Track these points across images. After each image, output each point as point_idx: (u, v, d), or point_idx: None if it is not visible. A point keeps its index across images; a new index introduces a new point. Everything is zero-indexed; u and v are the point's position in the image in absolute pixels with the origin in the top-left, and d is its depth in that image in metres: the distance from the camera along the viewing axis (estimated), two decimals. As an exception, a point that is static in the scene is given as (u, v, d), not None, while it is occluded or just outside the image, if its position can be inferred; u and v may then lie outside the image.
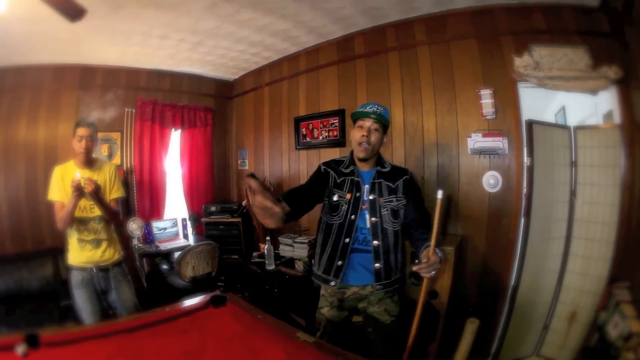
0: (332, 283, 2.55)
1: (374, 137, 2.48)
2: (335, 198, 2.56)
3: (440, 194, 2.06)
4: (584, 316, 3.35)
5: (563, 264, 3.59)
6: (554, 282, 3.60)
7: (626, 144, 3.15)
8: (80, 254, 3.12)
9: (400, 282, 2.63)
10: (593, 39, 3.26)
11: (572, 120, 3.76)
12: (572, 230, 3.59)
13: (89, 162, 3.22)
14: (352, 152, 2.66)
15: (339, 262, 2.52)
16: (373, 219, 2.49)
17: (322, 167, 2.68)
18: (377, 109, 2.52)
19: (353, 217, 2.50)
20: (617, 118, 3.23)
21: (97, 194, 2.95)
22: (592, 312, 3.24)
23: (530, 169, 3.45)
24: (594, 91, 3.26)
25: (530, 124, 3.47)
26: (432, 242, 2.11)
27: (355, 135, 2.53)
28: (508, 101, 3.55)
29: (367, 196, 2.52)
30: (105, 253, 3.20)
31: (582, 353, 3.23)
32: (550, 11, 3.42)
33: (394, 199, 2.52)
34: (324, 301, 2.66)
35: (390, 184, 2.55)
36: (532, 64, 3.34)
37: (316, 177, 2.66)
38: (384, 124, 2.53)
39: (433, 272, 2.11)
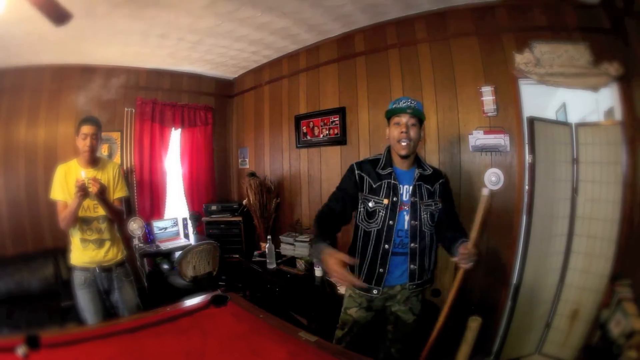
0: (375, 292, 2.49)
1: (412, 132, 2.40)
2: (371, 204, 2.48)
3: (486, 192, 2.15)
4: (586, 314, 3.34)
5: (565, 262, 3.59)
6: (556, 279, 3.60)
7: (627, 141, 3.14)
8: (83, 254, 3.10)
9: (429, 282, 2.62)
10: (594, 35, 3.25)
11: (573, 117, 3.76)
12: (573, 227, 3.58)
13: (93, 160, 3.19)
14: (387, 151, 2.58)
15: (381, 270, 2.46)
16: (413, 222, 2.44)
17: (357, 172, 2.56)
18: (412, 103, 2.44)
19: (391, 222, 2.43)
20: (618, 115, 3.21)
21: (102, 195, 2.92)
22: (594, 310, 3.24)
23: (532, 166, 3.44)
24: (595, 88, 3.24)
25: (532, 121, 3.46)
26: (473, 234, 2.16)
27: (393, 132, 2.45)
28: (509, 98, 3.54)
29: (409, 198, 2.46)
30: (108, 253, 3.18)
31: (584, 351, 3.22)
32: (551, 8, 3.41)
33: (433, 203, 2.49)
34: (352, 301, 2.61)
35: (430, 187, 2.50)
36: (533, 61, 3.34)
37: (350, 186, 2.55)
38: (420, 118, 2.45)
39: (470, 263, 2.17)
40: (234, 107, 6.92)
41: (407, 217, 2.45)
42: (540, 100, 3.74)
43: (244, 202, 5.62)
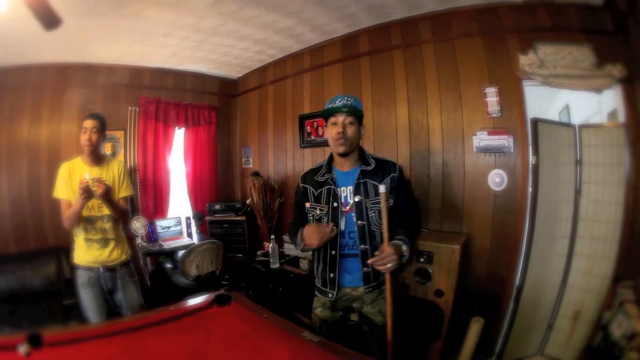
0: (330, 295, 2.52)
1: (350, 131, 2.37)
2: (317, 212, 2.51)
3: (382, 188, 2.15)
4: (588, 315, 3.34)
5: (567, 263, 3.58)
6: (558, 281, 3.60)
7: (631, 142, 3.14)
8: (87, 253, 3.08)
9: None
10: (598, 37, 3.25)
11: (576, 119, 3.75)
12: (576, 229, 3.57)
13: (96, 158, 3.15)
14: (330, 156, 2.58)
15: (331, 275, 2.49)
16: (360, 222, 2.42)
17: (300, 185, 2.65)
18: (347, 101, 2.41)
19: (335, 227, 2.41)
20: (621, 117, 3.21)
21: (107, 196, 2.90)
22: (596, 311, 3.24)
23: (536, 168, 3.44)
24: (598, 90, 3.24)
25: (536, 122, 3.46)
26: (385, 234, 2.12)
27: (331, 132, 2.42)
28: (513, 99, 3.54)
29: (353, 198, 2.43)
30: (112, 253, 3.16)
31: (586, 352, 3.22)
32: (555, 9, 3.41)
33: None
34: (317, 302, 2.65)
35: (377, 184, 2.40)
36: (537, 62, 3.33)
37: (300, 200, 2.65)
38: (358, 116, 2.43)
39: (389, 264, 2.11)
40: (238, 107, 6.92)
41: (354, 219, 2.43)
42: (543, 101, 3.73)
43: (248, 201, 5.63)
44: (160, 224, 5.53)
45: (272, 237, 4.81)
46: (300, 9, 4.00)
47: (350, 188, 2.45)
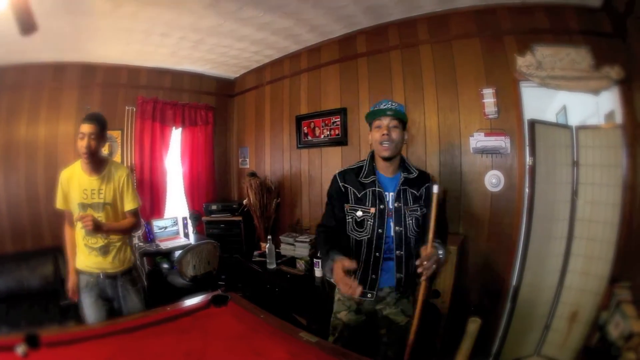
0: (369, 295, 2.48)
1: (394, 134, 2.34)
2: (359, 214, 2.44)
3: (435, 189, 2.12)
4: (585, 316, 3.35)
5: (564, 264, 3.59)
6: (555, 281, 3.60)
7: (627, 144, 3.15)
8: (88, 258, 2.96)
9: (415, 286, 2.55)
10: (595, 39, 3.26)
11: (573, 120, 3.76)
12: (573, 229, 3.58)
13: (96, 164, 2.93)
14: (370, 157, 2.54)
15: (373, 276, 2.45)
16: (397, 228, 2.40)
17: (341, 184, 2.53)
18: (392, 105, 2.39)
19: (380, 230, 2.40)
20: (618, 118, 3.22)
21: (99, 230, 2.79)
22: (593, 312, 3.25)
23: (532, 169, 3.45)
24: (596, 91, 3.26)
25: (533, 123, 3.47)
26: (430, 235, 2.07)
27: (375, 135, 2.40)
28: (510, 100, 3.55)
29: (393, 204, 2.41)
30: (114, 261, 3.00)
31: (583, 353, 3.23)
32: (553, 11, 3.42)
33: (418, 208, 2.44)
34: (341, 305, 2.60)
35: (415, 192, 2.44)
36: (535, 64, 3.34)
37: (337, 199, 2.54)
38: (402, 120, 2.39)
39: (434, 265, 2.08)
40: (235, 107, 6.92)
41: (392, 224, 2.42)
42: (540, 102, 3.74)
43: (244, 201, 5.63)
44: (157, 224, 5.53)
45: (269, 237, 4.81)
46: (298, 9, 4.00)
47: (392, 194, 2.43)
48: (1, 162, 4.79)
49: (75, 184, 2.91)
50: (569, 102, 3.79)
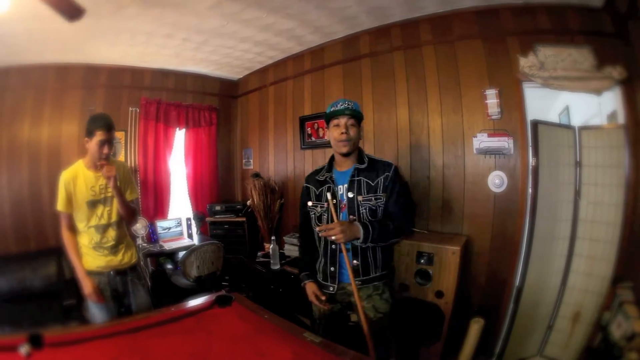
0: (331, 289, 2.65)
1: (352, 132, 2.52)
2: (318, 209, 2.67)
3: (329, 196, 2.44)
4: (588, 316, 3.34)
5: (567, 264, 3.58)
6: (558, 282, 3.60)
7: (630, 144, 3.14)
8: (97, 259, 2.99)
9: (382, 278, 2.63)
10: (597, 39, 3.26)
11: (576, 120, 3.76)
12: (576, 230, 3.58)
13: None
14: (331, 157, 2.73)
15: (332, 268, 2.62)
16: (351, 217, 2.53)
17: (305, 185, 2.82)
18: (349, 104, 2.55)
19: None
20: (621, 118, 3.22)
21: (118, 188, 2.91)
22: (596, 312, 3.24)
23: (536, 169, 3.45)
24: (598, 91, 3.25)
25: (536, 124, 3.47)
26: (334, 216, 2.41)
27: (333, 134, 2.56)
28: (513, 101, 3.55)
29: (346, 195, 2.56)
30: (124, 257, 3.10)
31: (585, 353, 3.22)
32: (555, 11, 3.42)
33: (373, 198, 2.54)
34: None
35: (370, 182, 2.56)
36: (537, 64, 3.34)
37: (303, 200, 2.80)
38: (358, 118, 2.56)
39: (333, 236, 2.32)
40: (239, 108, 6.93)
41: (347, 214, 2.56)
42: (542, 103, 3.73)
43: (248, 202, 5.64)
44: (160, 224, 5.55)
45: (273, 238, 4.82)
46: (302, 10, 4.01)
47: (345, 186, 2.58)
48: (5, 162, 4.81)
49: (82, 183, 2.93)
50: (572, 102, 3.78)
